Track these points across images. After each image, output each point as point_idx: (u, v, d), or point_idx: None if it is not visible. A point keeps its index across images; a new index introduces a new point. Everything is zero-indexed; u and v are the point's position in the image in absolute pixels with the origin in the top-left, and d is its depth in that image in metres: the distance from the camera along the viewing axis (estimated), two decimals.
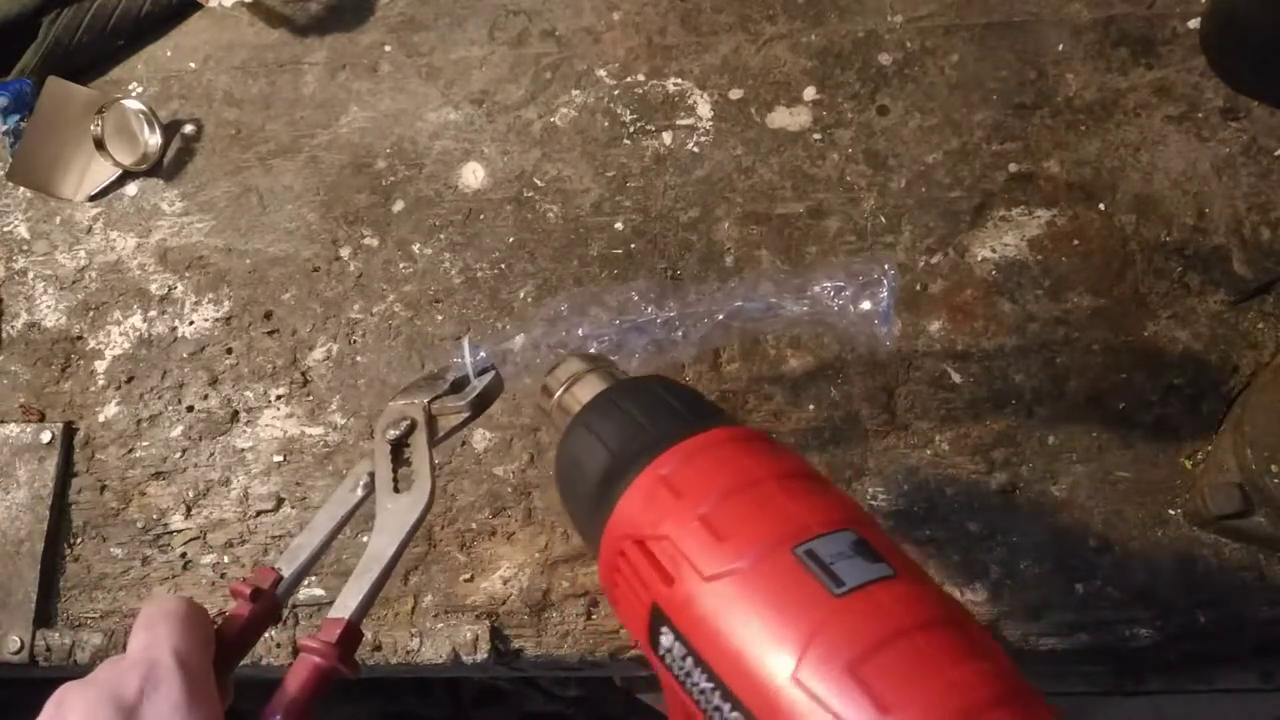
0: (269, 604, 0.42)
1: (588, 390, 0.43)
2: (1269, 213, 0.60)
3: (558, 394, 0.45)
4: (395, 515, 0.44)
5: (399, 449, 0.46)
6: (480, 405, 0.48)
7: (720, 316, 0.48)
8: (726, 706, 0.30)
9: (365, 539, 0.59)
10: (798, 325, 0.49)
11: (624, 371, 0.46)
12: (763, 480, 0.34)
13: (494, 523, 0.59)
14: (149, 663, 0.35)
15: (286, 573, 0.43)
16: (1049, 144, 0.63)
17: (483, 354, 0.49)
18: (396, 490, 0.45)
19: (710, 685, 0.30)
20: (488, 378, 0.48)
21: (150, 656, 0.36)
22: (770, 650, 0.29)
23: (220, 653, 0.39)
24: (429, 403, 0.47)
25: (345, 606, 0.41)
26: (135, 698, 0.34)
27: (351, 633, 0.40)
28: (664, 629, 0.33)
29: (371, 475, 0.46)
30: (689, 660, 0.31)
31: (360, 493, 0.46)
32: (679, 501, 0.34)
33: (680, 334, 0.48)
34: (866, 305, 0.46)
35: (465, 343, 0.49)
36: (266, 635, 0.58)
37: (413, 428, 0.46)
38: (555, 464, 0.42)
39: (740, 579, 0.31)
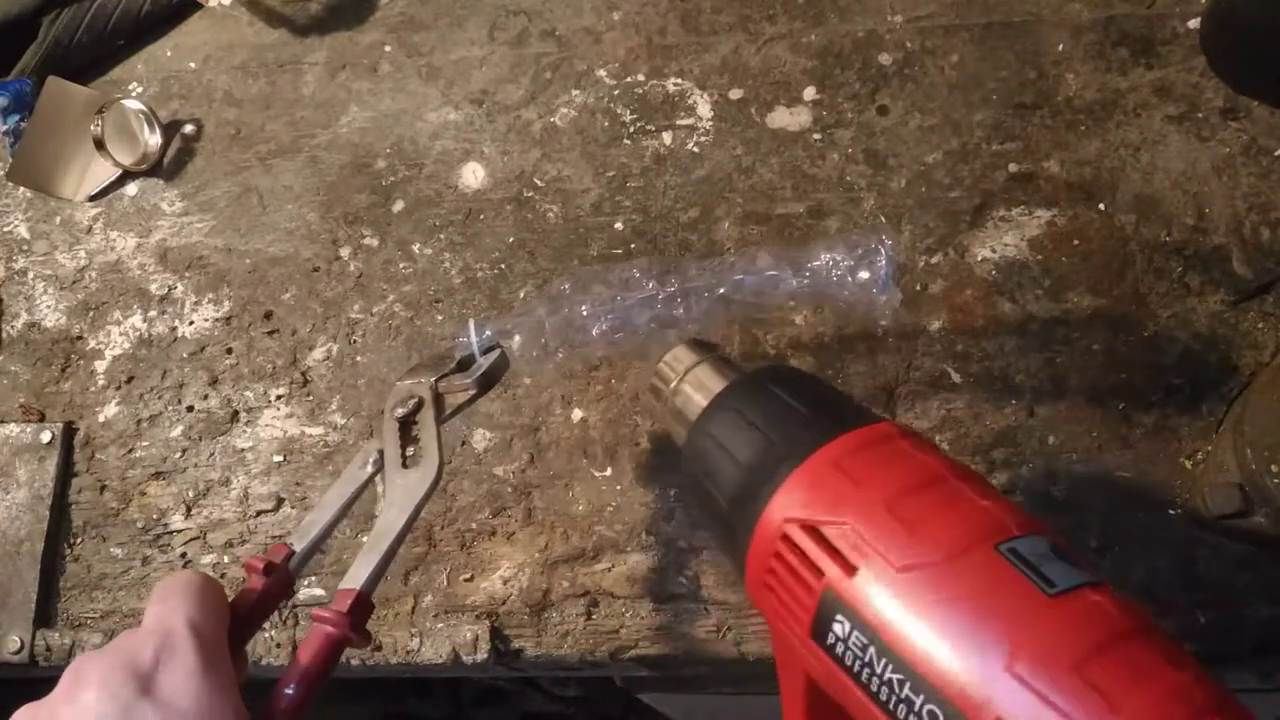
0: (282, 578, 0.43)
1: (712, 378, 0.43)
2: (1269, 213, 0.60)
3: (674, 382, 0.44)
4: (404, 490, 0.44)
5: (407, 427, 0.47)
6: (486, 383, 0.49)
7: (721, 291, 0.48)
8: (919, 699, 0.29)
9: (365, 539, 0.60)
10: (798, 298, 0.49)
11: (739, 361, 0.46)
12: (946, 477, 0.34)
13: (494, 523, 0.59)
14: (164, 632, 0.36)
15: (299, 548, 0.44)
16: (1049, 144, 0.63)
17: (488, 333, 0.49)
18: (405, 466, 0.45)
19: (899, 676, 0.30)
20: (493, 356, 0.49)
21: (165, 626, 0.36)
22: (981, 644, 0.28)
23: (235, 625, 0.39)
24: (436, 381, 0.48)
25: (356, 577, 0.41)
26: (150, 665, 0.35)
27: (362, 602, 0.41)
28: (839, 618, 0.32)
29: (381, 453, 0.47)
30: (871, 651, 0.31)
31: (370, 469, 0.47)
32: (860, 489, 0.33)
33: (681, 310, 0.48)
34: (865, 275, 0.47)
35: (471, 322, 0.50)
36: (266, 636, 0.58)
37: (420, 405, 0.47)
38: (690, 447, 0.41)
39: (941, 572, 0.30)
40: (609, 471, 0.59)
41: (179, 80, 0.73)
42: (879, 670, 0.30)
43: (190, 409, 0.64)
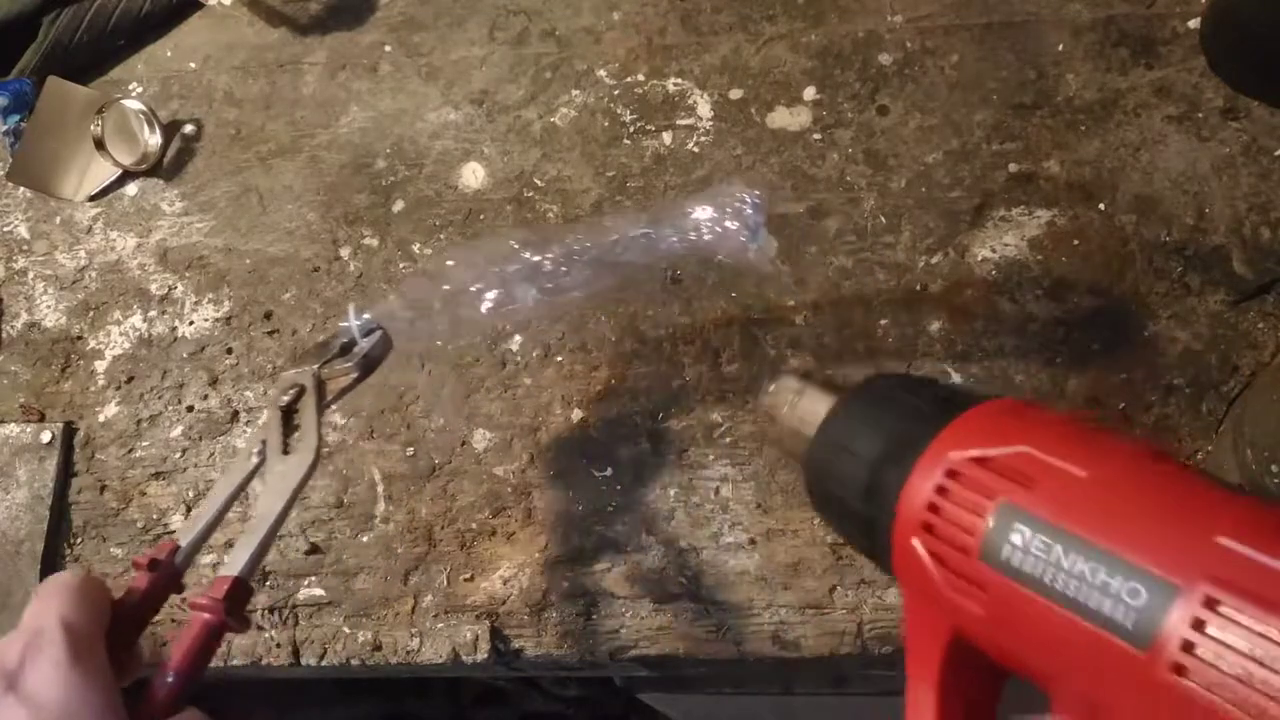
0: (167, 573, 0.43)
1: (825, 391, 0.43)
2: (1269, 213, 0.60)
3: (788, 404, 0.44)
4: (282, 477, 0.45)
5: (289, 415, 0.48)
6: (367, 365, 0.50)
7: (596, 254, 0.49)
8: (1116, 580, 0.29)
9: (365, 539, 0.60)
10: (676, 256, 0.50)
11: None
12: (1092, 422, 0.35)
13: (494, 523, 0.59)
14: (34, 630, 0.37)
15: (184, 543, 0.44)
16: (1049, 144, 0.63)
17: (367, 315, 0.50)
18: (286, 453, 0.47)
19: (1091, 565, 0.30)
20: (374, 338, 0.50)
21: (36, 625, 0.37)
22: (1183, 523, 0.29)
23: (122, 621, 0.40)
24: (319, 368, 0.49)
25: (234, 564, 0.42)
26: (16, 663, 0.36)
27: (239, 588, 0.42)
28: (1017, 527, 0.32)
29: (265, 442, 0.48)
30: (1057, 550, 0.31)
31: (256, 459, 0.47)
32: (1027, 423, 0.34)
33: (568, 278, 0.49)
34: (733, 224, 0.47)
35: (350, 306, 0.51)
36: (267, 635, 0.58)
37: (301, 393, 0.48)
38: (830, 426, 0.41)
39: (1130, 475, 0.31)
40: (609, 471, 0.59)
41: (179, 80, 0.73)
42: (1067, 566, 0.31)
43: (190, 409, 0.64)
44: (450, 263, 0.50)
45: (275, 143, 0.70)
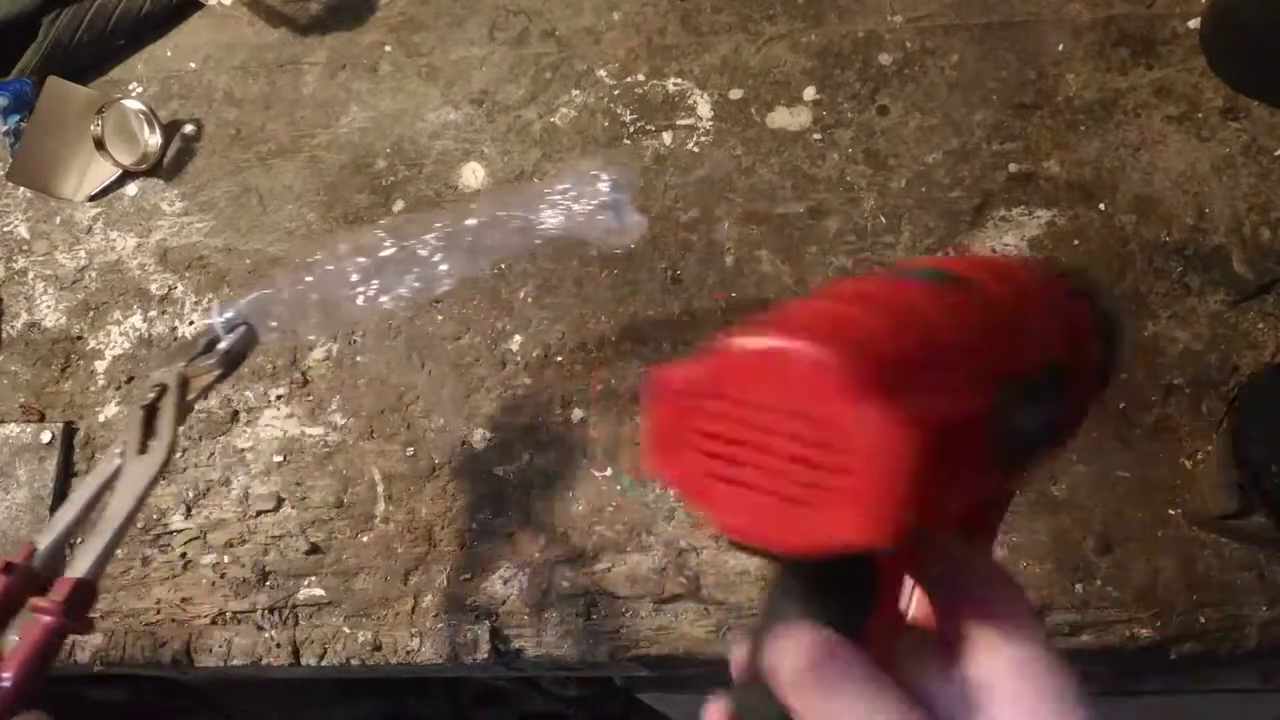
0: (24, 576, 0.43)
1: None
2: (1269, 213, 0.60)
3: None
4: (134, 476, 0.46)
5: (151, 414, 0.48)
6: (231, 361, 0.50)
7: (469, 240, 0.49)
8: None
9: (365, 539, 0.60)
10: (547, 237, 0.50)
11: None
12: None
13: (494, 523, 0.59)
14: None
15: (43, 545, 0.45)
16: (1049, 144, 0.63)
17: (230, 313, 0.50)
18: (142, 453, 0.47)
19: None
20: (238, 334, 0.50)
21: None
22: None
23: None
24: (184, 366, 0.49)
25: (78, 567, 0.42)
26: None
27: (83, 590, 0.42)
28: None
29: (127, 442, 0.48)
30: None
31: (118, 460, 0.47)
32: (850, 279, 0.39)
33: (444, 266, 0.49)
34: (592, 204, 0.48)
35: (215, 302, 0.51)
36: (267, 635, 0.58)
37: (163, 392, 0.49)
38: None
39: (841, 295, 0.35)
40: (609, 471, 0.59)
41: (179, 80, 0.73)
42: None
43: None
44: (319, 255, 0.50)
45: (275, 143, 0.70)
